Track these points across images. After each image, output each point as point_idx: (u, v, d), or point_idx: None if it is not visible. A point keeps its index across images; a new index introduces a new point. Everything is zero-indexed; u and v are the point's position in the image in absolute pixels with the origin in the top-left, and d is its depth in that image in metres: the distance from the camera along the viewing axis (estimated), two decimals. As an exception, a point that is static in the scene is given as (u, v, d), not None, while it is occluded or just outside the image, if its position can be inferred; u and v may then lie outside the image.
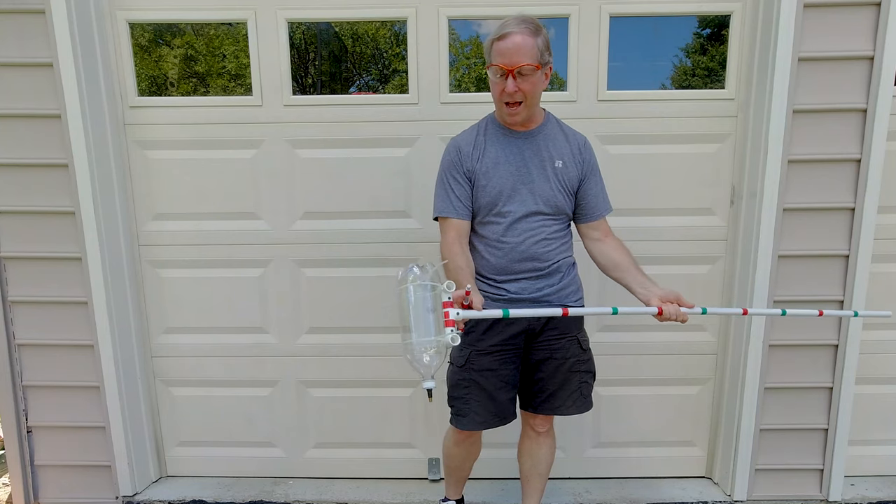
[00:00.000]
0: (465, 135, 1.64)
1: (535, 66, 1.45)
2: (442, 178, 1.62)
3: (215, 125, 2.11)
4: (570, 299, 1.66)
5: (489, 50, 1.49)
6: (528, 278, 1.61)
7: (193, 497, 2.24)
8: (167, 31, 2.52)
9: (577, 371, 1.69)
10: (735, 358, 2.13)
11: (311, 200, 2.16)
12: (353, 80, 3.27)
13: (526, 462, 1.85)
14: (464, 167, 1.58)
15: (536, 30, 1.46)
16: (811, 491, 2.19)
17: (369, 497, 2.24)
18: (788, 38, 1.85)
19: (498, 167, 1.58)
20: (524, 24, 1.45)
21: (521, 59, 1.43)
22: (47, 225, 2.02)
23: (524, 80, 1.46)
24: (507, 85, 1.46)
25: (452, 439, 1.80)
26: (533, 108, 1.55)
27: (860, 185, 1.94)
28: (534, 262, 1.60)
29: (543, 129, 1.61)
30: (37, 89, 1.94)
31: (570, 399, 1.70)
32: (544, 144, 1.60)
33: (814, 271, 2.02)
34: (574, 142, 1.63)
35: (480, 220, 1.62)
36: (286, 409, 2.32)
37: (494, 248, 1.60)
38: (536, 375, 1.70)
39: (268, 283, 2.21)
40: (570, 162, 1.60)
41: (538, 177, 1.58)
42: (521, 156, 1.58)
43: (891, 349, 2.19)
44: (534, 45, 1.44)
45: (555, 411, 1.72)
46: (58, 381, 2.13)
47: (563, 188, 1.60)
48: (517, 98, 1.48)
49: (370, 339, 2.23)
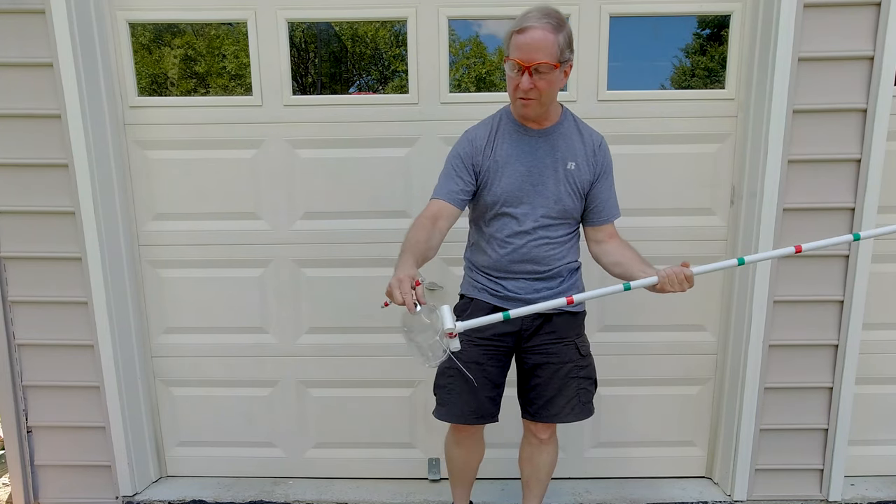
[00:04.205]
0: (479, 128, 1.59)
1: (554, 65, 1.37)
2: (448, 166, 1.57)
3: (215, 125, 2.11)
4: None
5: (507, 42, 1.41)
6: (527, 279, 1.59)
7: (193, 497, 2.24)
8: (167, 31, 2.52)
9: (575, 377, 1.64)
10: (735, 358, 2.13)
11: (311, 200, 2.16)
12: (353, 81, 3.27)
13: (526, 468, 1.83)
14: (473, 160, 1.54)
15: (559, 25, 1.38)
16: (811, 491, 2.19)
17: (369, 497, 2.24)
18: (788, 38, 1.85)
19: (508, 166, 1.53)
20: (546, 19, 1.36)
21: (539, 55, 1.36)
22: (47, 225, 2.02)
23: (540, 77, 1.39)
24: (522, 81, 1.39)
25: (453, 439, 1.78)
26: (548, 105, 1.49)
27: (860, 185, 1.94)
28: (533, 264, 1.57)
29: (559, 128, 1.55)
30: (37, 89, 1.93)
31: (569, 406, 1.65)
32: (558, 144, 1.55)
33: (814, 271, 2.02)
34: (590, 142, 1.57)
35: (486, 217, 1.59)
36: (286, 409, 2.32)
37: (496, 246, 1.58)
38: (532, 381, 1.67)
39: (268, 284, 2.21)
40: (584, 164, 1.55)
41: (549, 178, 1.54)
42: (533, 155, 1.54)
43: (891, 349, 2.19)
44: (554, 42, 1.36)
45: (553, 418, 1.67)
46: (58, 381, 2.13)
47: (573, 191, 1.55)
48: (531, 95, 1.42)
49: (370, 339, 2.23)
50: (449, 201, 1.52)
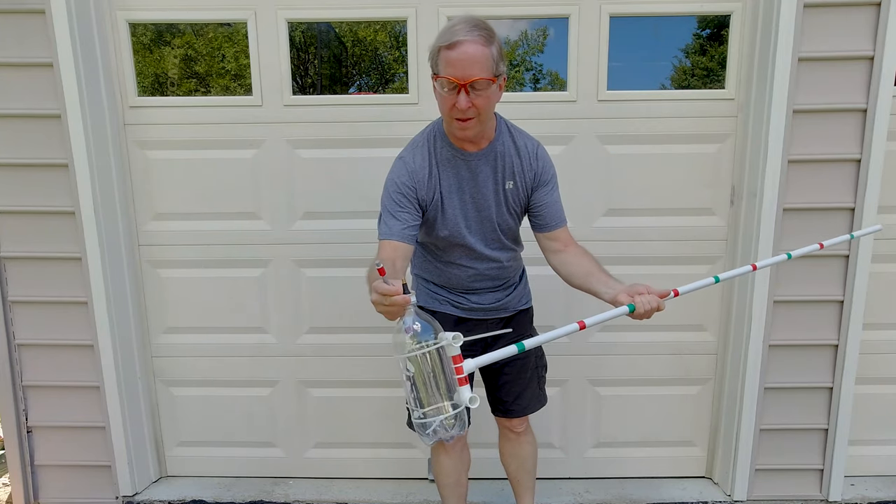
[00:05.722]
0: (415, 155, 1.46)
1: (490, 80, 1.29)
2: (390, 202, 1.43)
3: (215, 125, 2.11)
4: (521, 302, 1.70)
5: (435, 58, 1.31)
6: (486, 292, 1.64)
7: (193, 497, 2.24)
8: (167, 31, 2.52)
9: (535, 367, 1.72)
10: (735, 358, 2.13)
11: (311, 200, 2.16)
12: (353, 81, 3.27)
13: (512, 463, 1.84)
14: (417, 194, 1.44)
15: (490, 37, 1.29)
16: (811, 491, 2.19)
17: (369, 497, 2.24)
18: (788, 38, 1.85)
19: (452, 196, 1.48)
20: (476, 31, 1.27)
21: (474, 71, 1.26)
22: (47, 225, 2.03)
23: (478, 94, 1.29)
24: (458, 100, 1.29)
25: (442, 449, 1.72)
26: (486, 123, 1.39)
27: (860, 185, 1.94)
28: (493, 280, 1.62)
29: (495, 146, 1.47)
30: (37, 89, 1.94)
31: (535, 396, 1.73)
32: (497, 165, 1.48)
33: (814, 271, 2.02)
34: (525, 155, 1.49)
35: (438, 245, 1.56)
36: (286, 409, 2.32)
37: (455, 270, 1.59)
38: (501, 380, 1.70)
39: (268, 283, 2.21)
40: (520, 181, 1.50)
41: (491, 202, 1.50)
42: (474, 182, 1.48)
43: (891, 349, 2.19)
44: (488, 56, 1.27)
45: (524, 411, 1.73)
46: (58, 381, 2.13)
47: (513, 211, 1.53)
48: (470, 114, 1.32)
49: (370, 339, 2.23)
50: (401, 240, 1.40)
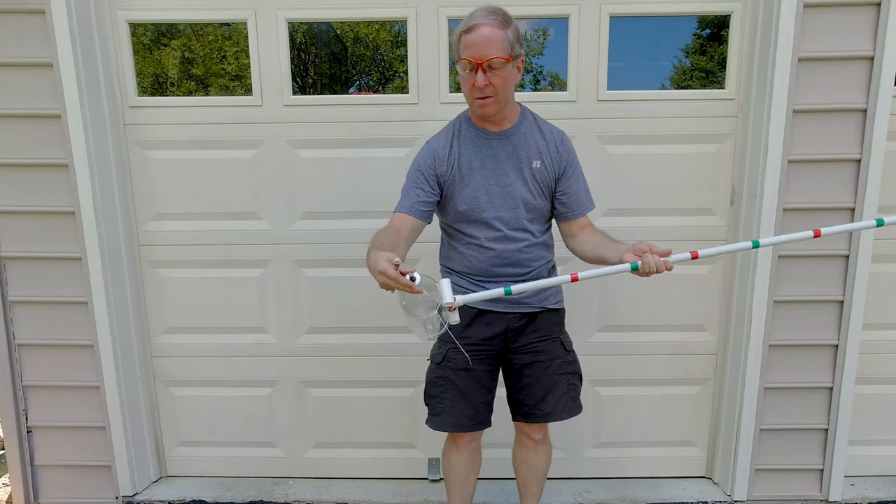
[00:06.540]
0: (440, 137, 1.58)
1: (506, 59, 1.38)
2: (409, 178, 1.55)
3: (215, 125, 2.11)
4: (549, 301, 1.64)
5: (457, 43, 1.42)
6: (508, 282, 1.58)
7: (193, 497, 2.24)
8: (167, 31, 2.52)
9: (563, 373, 1.65)
10: (735, 358, 2.13)
11: (311, 200, 2.16)
12: (353, 81, 3.27)
13: (522, 469, 1.83)
14: (436, 171, 1.53)
15: (505, 21, 1.39)
16: (811, 491, 2.19)
17: (369, 497, 2.24)
18: (788, 38, 1.85)
19: (473, 172, 1.53)
20: (493, 16, 1.38)
21: (490, 51, 1.36)
22: (47, 225, 2.02)
23: (494, 73, 1.39)
24: (476, 79, 1.39)
25: (453, 445, 1.75)
26: (505, 103, 1.47)
27: (860, 185, 1.94)
28: (515, 267, 1.58)
29: (519, 128, 1.54)
30: (37, 89, 1.94)
31: (561, 403, 1.65)
32: (520, 145, 1.53)
33: (814, 271, 2.02)
34: (551, 139, 1.56)
35: (460, 224, 1.58)
36: (286, 409, 2.32)
37: (474, 251, 1.58)
38: (521, 382, 1.66)
39: (268, 283, 2.21)
40: (548, 161, 1.54)
41: (516, 180, 1.53)
42: (495, 159, 1.53)
43: (891, 349, 2.19)
44: (504, 37, 1.37)
45: (546, 418, 1.67)
46: (58, 381, 2.13)
47: (541, 190, 1.55)
48: (487, 92, 1.41)
49: (370, 339, 2.23)
50: (410, 214, 1.50)
